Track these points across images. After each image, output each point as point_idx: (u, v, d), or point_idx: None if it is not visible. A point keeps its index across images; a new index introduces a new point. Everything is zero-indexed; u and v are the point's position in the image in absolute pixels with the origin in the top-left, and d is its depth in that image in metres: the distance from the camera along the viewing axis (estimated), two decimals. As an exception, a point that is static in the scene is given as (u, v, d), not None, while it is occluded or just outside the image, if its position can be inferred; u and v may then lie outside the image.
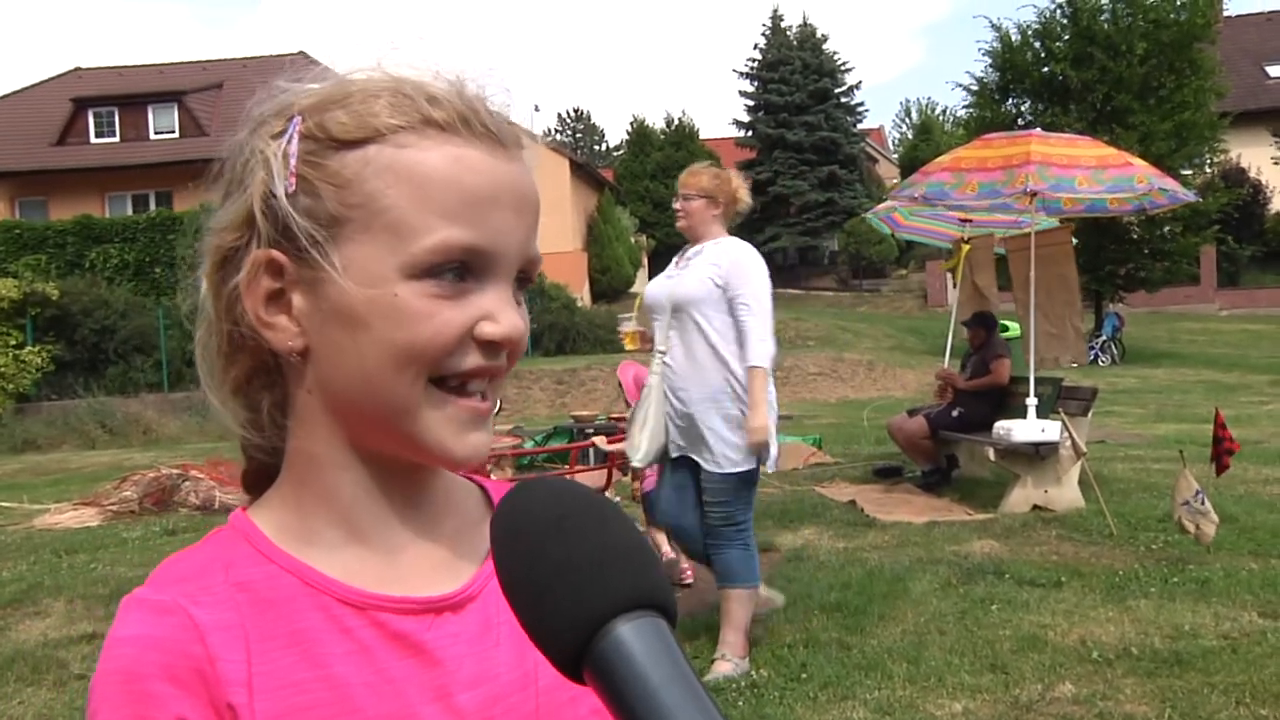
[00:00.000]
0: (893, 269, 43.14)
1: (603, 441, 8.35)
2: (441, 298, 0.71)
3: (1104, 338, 23.92)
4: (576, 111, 71.71)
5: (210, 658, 0.68)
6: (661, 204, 45.11)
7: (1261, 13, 41.09)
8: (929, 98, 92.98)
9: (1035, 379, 7.53)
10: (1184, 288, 31.31)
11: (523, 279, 0.76)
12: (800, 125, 44.25)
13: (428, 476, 0.79)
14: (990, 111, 26.55)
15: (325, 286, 0.72)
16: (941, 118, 53.50)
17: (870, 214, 11.09)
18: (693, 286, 4.31)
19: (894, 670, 4.29)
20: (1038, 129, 9.48)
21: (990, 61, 27.36)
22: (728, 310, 4.28)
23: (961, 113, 30.47)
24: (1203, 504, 6.08)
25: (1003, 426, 7.28)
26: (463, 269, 0.71)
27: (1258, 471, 8.37)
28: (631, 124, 48.13)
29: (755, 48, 47.12)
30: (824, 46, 46.27)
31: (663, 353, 4.45)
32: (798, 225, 44.72)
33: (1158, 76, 25.20)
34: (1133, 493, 7.64)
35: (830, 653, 4.54)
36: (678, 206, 4.46)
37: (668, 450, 4.53)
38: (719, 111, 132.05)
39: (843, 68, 46.27)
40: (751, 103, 46.28)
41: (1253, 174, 33.21)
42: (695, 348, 4.32)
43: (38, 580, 6.60)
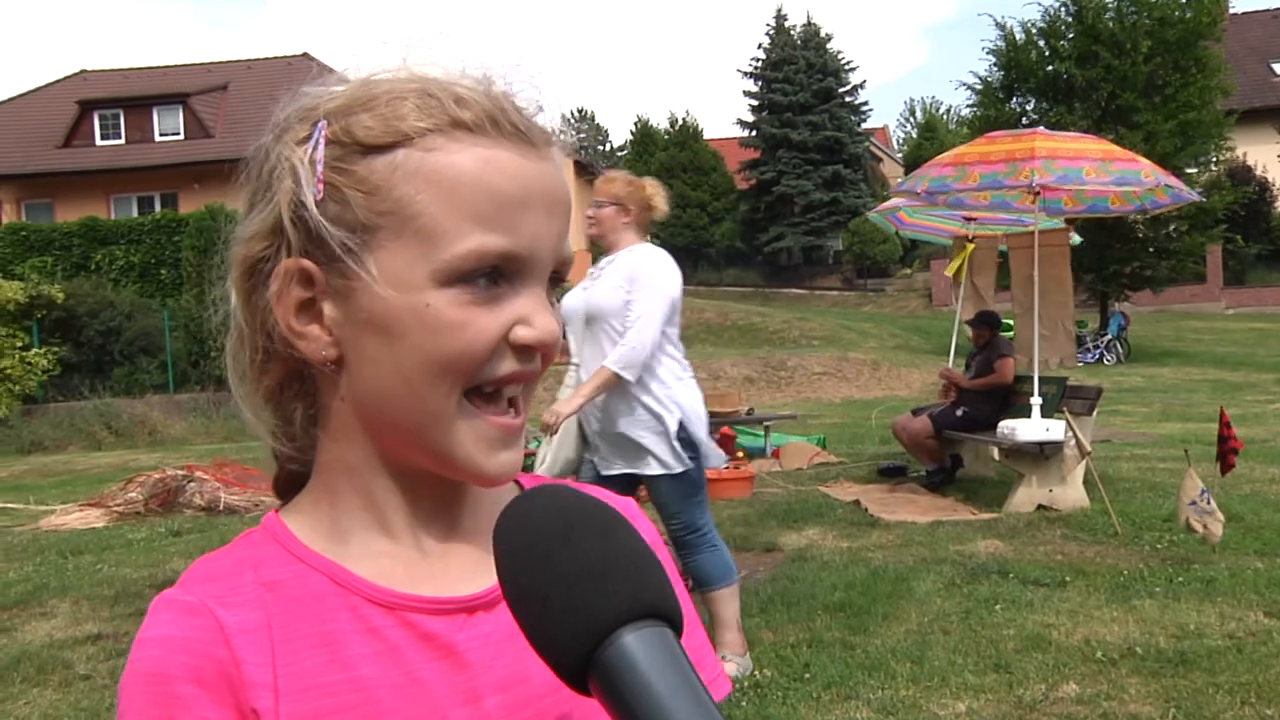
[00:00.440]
0: (897, 268, 43.11)
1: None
2: (475, 304, 0.69)
3: (1109, 337, 23.87)
4: (581, 112, 71.72)
5: (235, 660, 0.68)
6: (666, 204, 45.14)
7: (1268, 10, 40.98)
8: (933, 97, 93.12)
9: (1040, 378, 7.52)
10: (1190, 286, 31.29)
11: (555, 278, 0.75)
12: (804, 125, 44.25)
13: (459, 482, 0.78)
14: (995, 110, 26.51)
15: (357, 296, 0.70)
16: (946, 117, 53.44)
17: (874, 212, 11.08)
18: (603, 297, 4.18)
19: (898, 670, 4.28)
20: (1041, 127, 9.47)
21: (995, 60, 27.34)
22: None
23: (966, 112, 30.51)
24: (1209, 503, 6.06)
25: (1007, 426, 7.28)
26: (496, 273, 0.70)
27: (1264, 470, 8.34)
28: (636, 124, 48.23)
29: (759, 47, 47.21)
30: (828, 46, 46.29)
31: (577, 365, 4.31)
32: (802, 225, 44.72)
33: (1163, 75, 25.15)
34: (1138, 492, 7.63)
35: (834, 653, 4.53)
36: (589, 214, 4.32)
37: (583, 464, 4.37)
38: (723, 111, 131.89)
39: (847, 67, 46.30)
40: (755, 102, 46.30)
41: (1259, 172, 33.17)
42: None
43: (44, 581, 6.61)
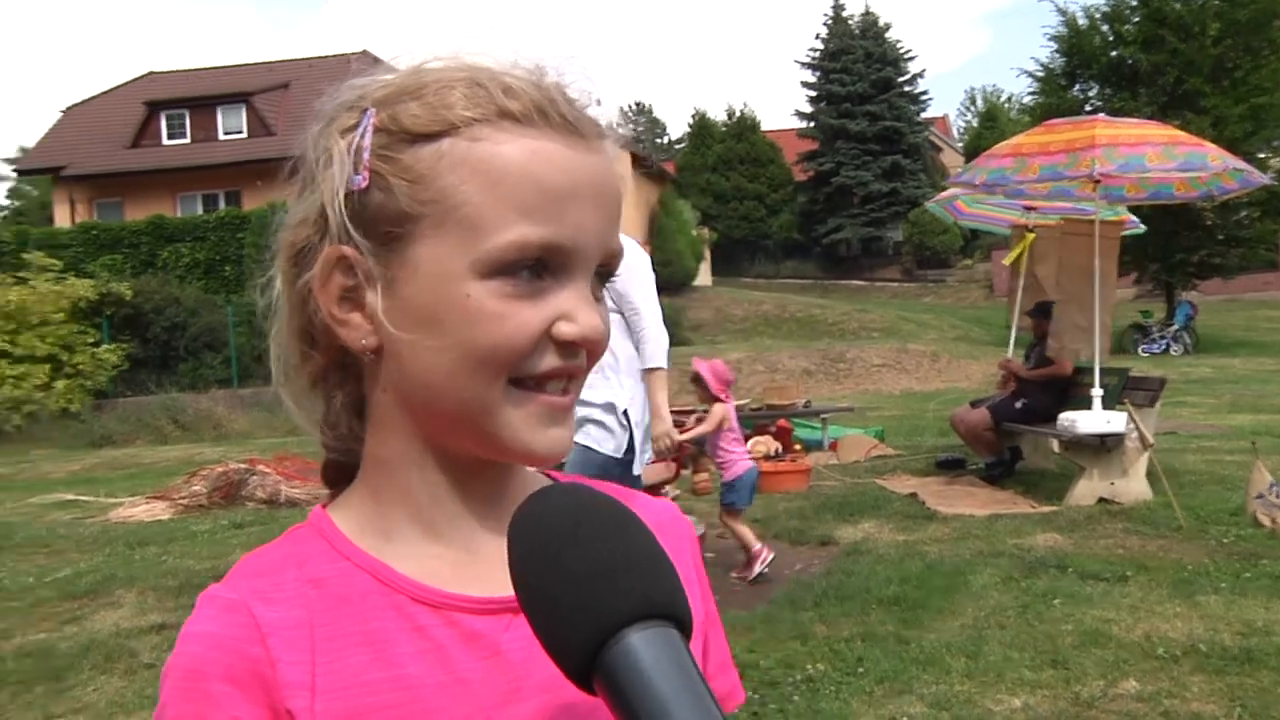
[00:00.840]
0: (958, 259, 42.60)
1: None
2: (516, 297, 0.69)
3: (1176, 327, 23.36)
4: (638, 105, 71.76)
5: (271, 660, 0.68)
6: (723, 196, 45.03)
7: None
8: (994, 85, 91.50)
9: (1101, 369, 7.37)
10: (1262, 274, 30.53)
11: (604, 272, 0.74)
12: (863, 115, 43.86)
13: (505, 475, 0.78)
14: (1056, 98, 26.03)
15: (399, 285, 0.70)
16: (1007, 105, 52.60)
17: (932, 202, 10.95)
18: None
19: (952, 665, 4.23)
20: (1102, 114, 9.27)
21: (1056, 47, 26.86)
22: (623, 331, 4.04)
23: (1027, 100, 29.96)
24: (1278, 497, 5.92)
25: (1067, 418, 7.15)
26: (539, 266, 0.69)
27: (1336, 463, 8.11)
28: (693, 117, 48.10)
29: (817, 38, 46.85)
30: (886, 35, 45.86)
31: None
32: (861, 216, 44.37)
33: (1233, 57, 24.53)
34: (1204, 485, 7.44)
35: (888, 647, 4.49)
36: None
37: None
38: (781, 103, 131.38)
39: (906, 56, 45.81)
40: (814, 93, 45.99)
41: (1334, 156, 32.20)
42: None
43: (112, 572, 6.78)
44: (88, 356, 19.76)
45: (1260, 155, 24.18)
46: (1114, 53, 26.06)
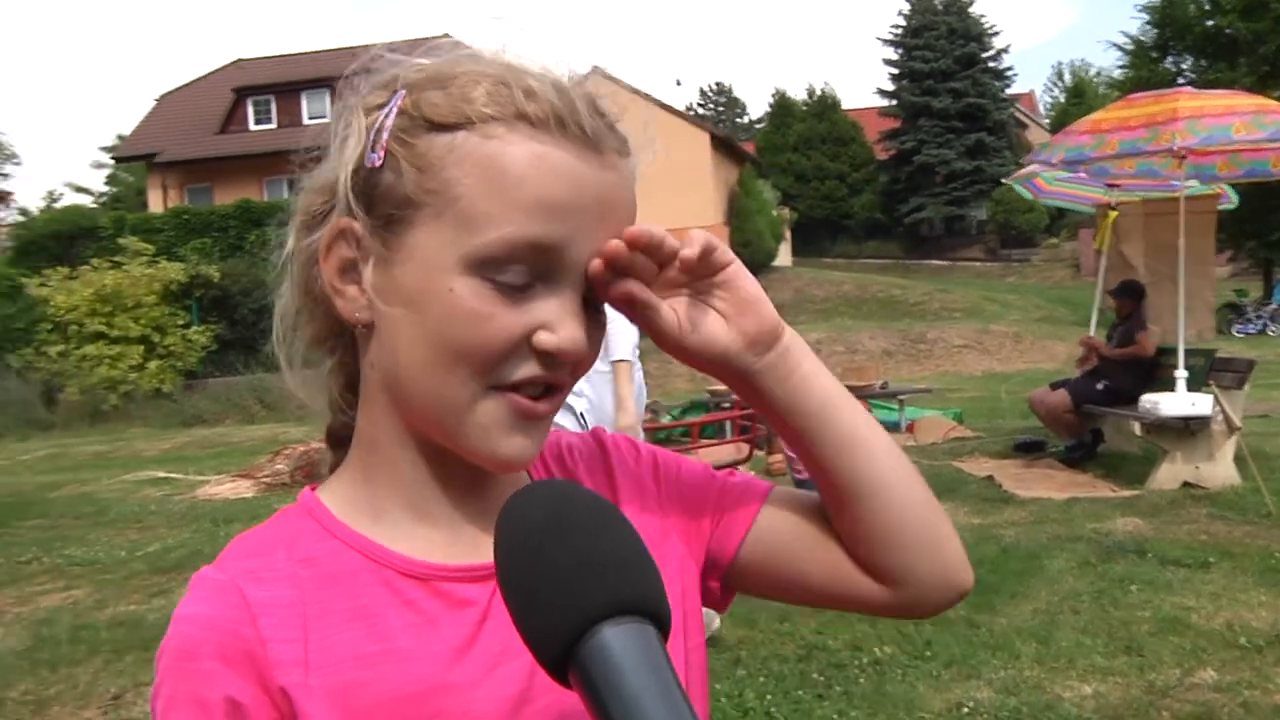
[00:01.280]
0: (1043, 238, 41.66)
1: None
2: (499, 298, 0.69)
3: (1274, 306, 22.60)
4: (718, 85, 71.39)
5: (261, 640, 0.69)
6: (803, 176, 44.63)
7: None
8: (1082, 59, 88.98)
9: (1186, 350, 7.16)
10: (1367, 252, 29.22)
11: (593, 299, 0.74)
12: (946, 92, 43.08)
13: None
14: (1147, 71, 25.22)
15: (393, 266, 0.71)
16: (1096, 79, 51.12)
17: (1012, 179, 10.70)
18: None
19: (1022, 650, 4.17)
20: (1187, 86, 8.95)
21: (1148, 17, 26.03)
22: None
23: (1117, 74, 29.10)
24: (1372, 483, 5.71)
25: (1150, 399, 6.97)
26: (528, 271, 0.69)
27: None
28: (774, 96, 47.73)
29: (899, 14, 46.10)
30: (970, 10, 44.92)
31: None
32: (944, 195, 43.64)
33: (1341, 24, 23.49)
34: (1296, 471, 7.20)
35: (957, 630, 4.43)
36: None
37: None
38: (862, 81, 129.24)
39: (990, 31, 44.86)
40: (895, 70, 45.29)
41: None
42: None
43: (198, 548, 6.99)
44: (178, 338, 20.32)
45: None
46: (1210, 22, 25.12)
